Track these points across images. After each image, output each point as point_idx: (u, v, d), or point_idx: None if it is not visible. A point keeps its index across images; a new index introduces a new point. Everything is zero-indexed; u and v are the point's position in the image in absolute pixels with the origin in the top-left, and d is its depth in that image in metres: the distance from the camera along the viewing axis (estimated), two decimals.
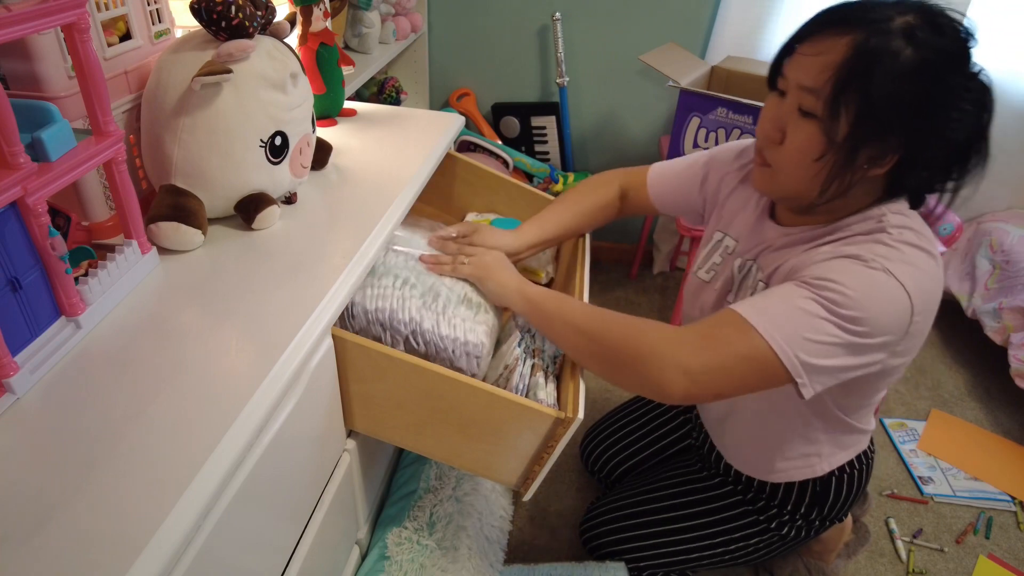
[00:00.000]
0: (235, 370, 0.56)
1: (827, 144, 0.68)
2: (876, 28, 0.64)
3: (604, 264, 2.22)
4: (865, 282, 0.66)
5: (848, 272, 0.67)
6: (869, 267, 0.66)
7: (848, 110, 0.65)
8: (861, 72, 0.64)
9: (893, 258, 0.67)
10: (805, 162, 0.70)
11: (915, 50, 0.63)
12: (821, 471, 0.92)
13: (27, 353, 0.53)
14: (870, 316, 0.65)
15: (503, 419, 0.73)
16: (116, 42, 0.71)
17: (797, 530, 0.97)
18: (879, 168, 0.68)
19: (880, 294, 0.66)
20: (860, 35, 0.64)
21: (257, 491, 0.56)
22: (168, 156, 0.72)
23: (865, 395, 0.83)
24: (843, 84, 0.65)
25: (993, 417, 1.69)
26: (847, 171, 0.68)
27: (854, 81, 0.64)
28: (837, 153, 0.67)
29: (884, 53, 0.63)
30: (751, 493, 0.98)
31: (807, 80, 0.67)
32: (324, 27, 1.00)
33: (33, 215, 0.51)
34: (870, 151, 0.67)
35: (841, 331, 0.66)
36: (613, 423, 1.28)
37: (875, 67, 0.63)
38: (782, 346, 0.66)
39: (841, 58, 0.65)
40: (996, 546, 1.34)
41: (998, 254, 1.75)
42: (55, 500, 0.44)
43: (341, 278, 0.69)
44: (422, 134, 1.08)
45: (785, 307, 0.67)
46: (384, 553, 0.89)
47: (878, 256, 0.67)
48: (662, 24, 1.81)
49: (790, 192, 0.74)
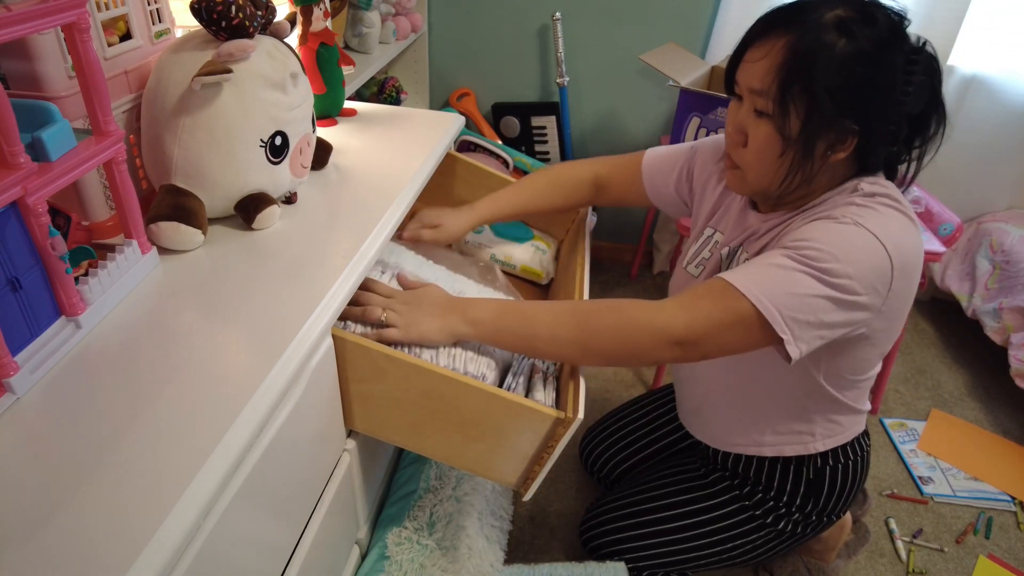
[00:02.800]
0: (235, 370, 0.56)
1: (783, 141, 0.72)
2: (809, 25, 0.68)
3: (604, 264, 2.22)
4: (838, 235, 0.69)
5: (821, 229, 0.71)
6: (840, 223, 0.70)
7: (796, 106, 0.70)
8: (801, 69, 0.68)
9: (864, 214, 0.71)
10: (767, 160, 0.74)
11: (849, 40, 0.67)
12: (815, 449, 0.92)
13: (27, 353, 0.53)
14: (847, 268, 0.68)
15: (503, 419, 0.73)
16: (116, 42, 0.71)
17: (794, 525, 0.97)
18: (841, 152, 0.72)
19: (853, 245, 0.69)
20: (795, 34, 0.69)
21: (257, 491, 0.56)
22: (168, 156, 0.72)
23: (855, 368, 0.84)
24: (786, 83, 0.69)
25: (993, 417, 1.69)
26: (808, 161, 0.72)
27: (796, 78, 0.69)
28: (795, 147, 0.72)
29: (819, 48, 0.67)
30: (748, 487, 0.98)
31: (755, 83, 0.72)
32: (324, 27, 1.00)
33: (33, 215, 0.51)
34: (828, 139, 0.71)
35: (822, 284, 0.68)
36: (613, 423, 1.29)
37: (813, 62, 0.68)
38: (764, 303, 0.69)
39: (781, 59, 0.69)
40: (996, 546, 1.34)
41: (998, 254, 1.75)
42: (55, 500, 0.44)
43: (341, 278, 0.69)
44: (422, 134, 1.08)
45: (765, 268, 0.71)
46: (384, 553, 0.89)
47: (849, 213, 0.71)
48: (662, 24, 1.81)
49: (760, 188, 0.79)
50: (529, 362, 0.78)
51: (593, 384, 1.68)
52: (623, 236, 2.21)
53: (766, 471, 0.96)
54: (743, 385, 0.93)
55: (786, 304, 0.68)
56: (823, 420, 0.90)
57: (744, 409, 0.95)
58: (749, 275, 0.71)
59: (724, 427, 0.99)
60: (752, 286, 0.69)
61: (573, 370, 0.77)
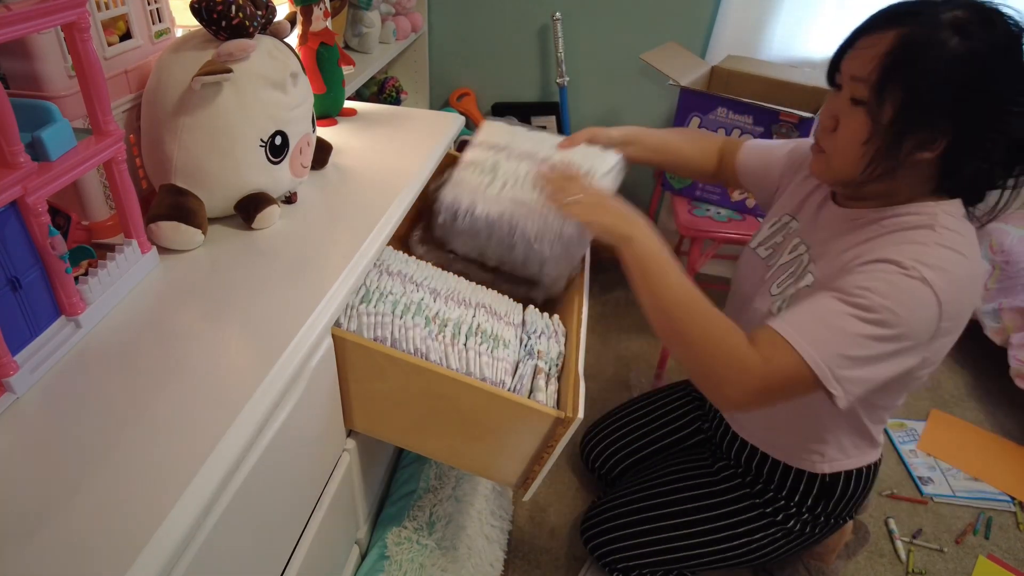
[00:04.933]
0: (235, 369, 0.56)
1: (873, 127, 0.71)
2: (924, 21, 0.68)
3: (604, 264, 2.22)
4: (897, 288, 0.69)
5: (882, 279, 0.70)
6: (905, 274, 0.69)
7: (893, 95, 0.69)
8: (906, 60, 0.68)
9: (930, 263, 0.69)
10: (854, 145, 0.74)
11: (962, 40, 0.66)
12: (820, 470, 0.92)
13: (27, 352, 0.53)
14: (900, 320, 0.68)
15: (503, 419, 0.73)
16: (116, 41, 0.71)
17: (803, 524, 0.97)
18: (928, 152, 0.71)
19: (914, 301, 0.69)
20: (908, 27, 0.69)
21: (257, 490, 0.56)
22: (168, 156, 0.72)
23: (889, 394, 0.85)
24: (888, 70, 0.69)
25: (993, 417, 1.69)
26: (893, 153, 0.71)
27: (899, 68, 0.68)
28: (883, 135, 0.71)
29: (929, 42, 0.67)
30: (760, 484, 0.98)
31: (858, 71, 0.72)
32: (324, 27, 1.00)
33: (33, 214, 0.51)
34: (917, 136, 0.70)
35: (873, 340, 0.69)
36: (614, 420, 1.29)
37: (919, 55, 0.67)
38: (819, 363, 0.69)
39: (888, 48, 0.69)
40: (995, 546, 1.34)
41: (998, 254, 1.75)
42: (55, 499, 0.44)
43: (341, 278, 0.69)
44: (422, 134, 1.08)
45: (821, 322, 0.71)
46: (384, 553, 0.89)
47: (915, 260, 0.69)
48: (662, 24, 1.81)
49: (841, 175, 0.78)
50: (533, 363, 0.78)
51: (593, 384, 1.68)
52: None
53: (780, 471, 0.96)
54: None
55: (839, 364, 0.69)
56: (835, 443, 0.91)
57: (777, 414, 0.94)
58: (806, 331, 0.71)
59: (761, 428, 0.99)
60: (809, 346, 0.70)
61: (574, 370, 0.77)
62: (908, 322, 0.69)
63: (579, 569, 1.21)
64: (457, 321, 0.78)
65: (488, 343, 0.77)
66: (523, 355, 0.80)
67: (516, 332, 0.84)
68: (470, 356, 0.74)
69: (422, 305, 0.77)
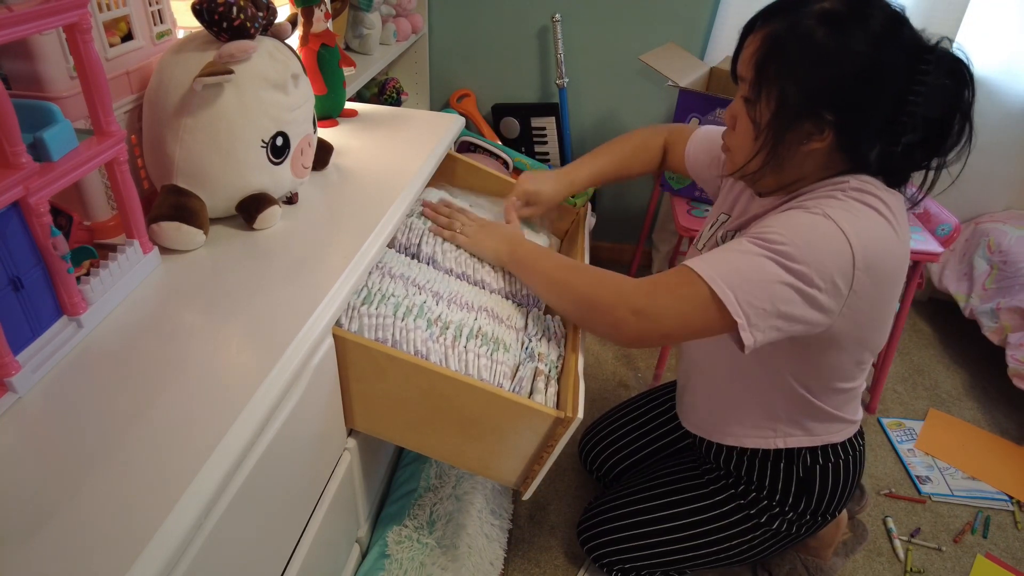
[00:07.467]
0: (236, 369, 0.57)
1: (757, 123, 0.75)
2: (793, 15, 0.70)
3: (604, 264, 2.22)
4: (801, 223, 0.71)
5: (787, 217, 0.73)
6: (810, 212, 0.72)
7: (769, 92, 0.72)
8: (774, 56, 0.71)
9: (836, 207, 0.71)
10: (748, 142, 0.77)
11: (830, 30, 0.68)
12: (773, 445, 0.93)
13: (29, 352, 0.54)
14: (807, 255, 0.69)
15: (503, 419, 0.74)
16: (118, 42, 0.71)
17: (789, 524, 0.98)
18: (817, 143, 0.73)
19: (815, 233, 0.70)
20: (776, 24, 0.72)
21: (258, 490, 0.56)
22: (170, 156, 0.72)
23: (828, 374, 0.84)
24: (760, 69, 0.72)
25: (991, 417, 1.70)
26: (779, 147, 0.74)
27: (768, 65, 0.72)
28: (767, 130, 0.74)
29: (795, 36, 0.69)
30: (741, 485, 0.98)
31: (742, 70, 0.76)
32: (325, 28, 1.00)
33: (35, 215, 0.51)
34: (802, 127, 0.72)
35: (781, 269, 0.69)
36: (612, 422, 1.29)
37: (785, 50, 0.70)
38: (721, 286, 0.70)
39: (759, 45, 0.73)
40: (994, 545, 1.35)
41: (996, 254, 1.76)
42: (56, 499, 0.45)
43: (342, 278, 0.70)
44: (423, 135, 1.08)
45: (727, 254, 0.73)
46: (384, 551, 0.90)
47: (822, 205, 0.72)
48: (662, 24, 1.81)
49: (744, 170, 0.80)
50: (533, 365, 0.78)
51: (593, 384, 1.68)
52: (622, 236, 2.21)
53: (758, 469, 0.96)
54: (721, 371, 0.95)
55: (743, 288, 0.70)
56: (788, 420, 0.91)
57: (719, 396, 0.97)
58: (710, 260, 0.73)
59: (703, 412, 1.01)
60: (711, 270, 0.72)
61: (573, 370, 0.78)
62: (814, 259, 0.69)
63: (579, 568, 1.22)
64: (459, 324, 0.78)
65: (488, 346, 0.77)
66: (523, 358, 0.80)
67: (518, 336, 0.84)
68: (469, 358, 0.74)
69: (424, 308, 0.78)
